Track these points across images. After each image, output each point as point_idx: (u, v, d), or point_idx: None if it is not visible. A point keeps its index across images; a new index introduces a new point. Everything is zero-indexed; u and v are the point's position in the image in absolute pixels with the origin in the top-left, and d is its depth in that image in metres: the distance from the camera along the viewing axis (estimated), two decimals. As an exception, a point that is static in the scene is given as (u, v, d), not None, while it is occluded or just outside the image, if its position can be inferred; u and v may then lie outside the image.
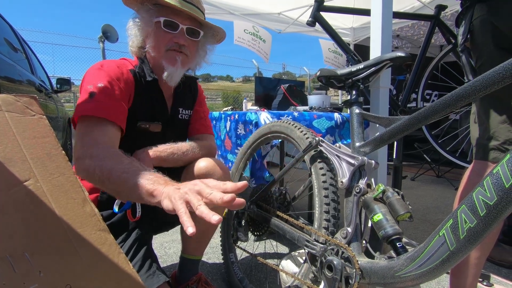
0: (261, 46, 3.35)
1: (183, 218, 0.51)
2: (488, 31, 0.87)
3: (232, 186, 0.55)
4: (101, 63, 0.90)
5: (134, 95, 0.94)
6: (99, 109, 0.81)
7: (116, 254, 0.79)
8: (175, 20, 0.92)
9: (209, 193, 0.53)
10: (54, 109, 3.15)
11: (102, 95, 0.82)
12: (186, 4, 0.93)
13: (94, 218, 0.80)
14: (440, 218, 2.24)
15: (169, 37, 0.93)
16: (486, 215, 0.51)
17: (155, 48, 0.94)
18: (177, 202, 0.54)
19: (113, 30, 4.82)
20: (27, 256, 0.67)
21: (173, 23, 0.92)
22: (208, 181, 0.58)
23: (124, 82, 0.90)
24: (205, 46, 1.05)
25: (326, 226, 0.86)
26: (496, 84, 0.57)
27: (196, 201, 0.52)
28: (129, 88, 0.92)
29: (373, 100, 1.00)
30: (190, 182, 0.58)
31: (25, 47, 2.91)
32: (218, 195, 0.52)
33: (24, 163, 0.77)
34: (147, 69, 0.97)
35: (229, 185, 0.55)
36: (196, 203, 0.52)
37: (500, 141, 0.86)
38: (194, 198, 0.53)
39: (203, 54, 1.05)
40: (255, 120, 1.53)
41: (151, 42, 0.95)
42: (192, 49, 0.97)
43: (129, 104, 0.93)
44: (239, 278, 1.24)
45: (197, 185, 0.56)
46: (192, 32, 0.95)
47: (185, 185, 0.58)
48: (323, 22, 1.54)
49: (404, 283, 0.62)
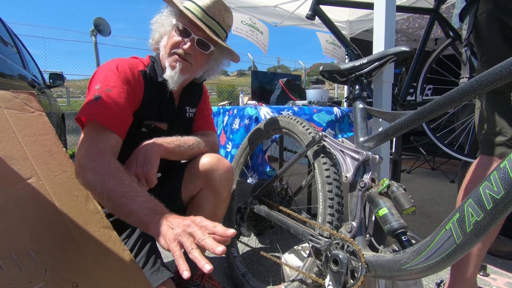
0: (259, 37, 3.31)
1: (178, 262, 0.56)
2: (495, 25, 0.87)
3: (221, 232, 0.58)
4: (116, 64, 0.90)
5: (143, 97, 0.95)
6: (105, 117, 0.82)
7: (120, 251, 0.79)
8: (190, 28, 0.93)
9: (202, 238, 0.57)
10: (47, 104, 3.09)
11: (109, 101, 0.83)
12: (207, 17, 0.94)
13: (97, 215, 0.80)
14: (436, 210, 2.28)
15: (178, 41, 0.94)
16: (493, 209, 0.52)
17: (165, 47, 0.97)
18: (171, 244, 0.59)
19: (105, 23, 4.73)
20: (33, 254, 0.66)
21: (186, 31, 0.93)
22: (199, 220, 0.62)
23: (134, 85, 0.91)
24: (220, 60, 1.06)
25: (330, 220, 0.87)
26: (503, 79, 0.57)
27: (189, 245, 0.57)
28: (138, 91, 0.93)
29: (376, 95, 1.00)
30: (182, 222, 0.62)
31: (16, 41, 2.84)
32: (209, 243, 0.55)
33: (25, 161, 0.76)
34: (158, 70, 0.98)
35: (219, 230, 0.59)
36: (189, 246, 0.57)
37: (508, 136, 0.87)
38: (187, 240, 0.58)
39: (216, 67, 1.06)
40: (255, 115, 1.52)
41: (164, 41, 0.97)
42: (199, 60, 0.98)
43: (137, 105, 0.94)
44: (241, 273, 1.25)
45: (189, 227, 0.60)
46: (202, 43, 0.95)
47: (178, 225, 0.61)
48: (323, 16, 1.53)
49: (410, 276, 0.63)
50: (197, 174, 0.99)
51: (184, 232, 0.59)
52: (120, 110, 0.85)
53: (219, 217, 1.07)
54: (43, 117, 0.85)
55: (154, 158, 0.87)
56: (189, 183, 1.02)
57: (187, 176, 1.02)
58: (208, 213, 1.02)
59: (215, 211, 1.03)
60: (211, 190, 1.00)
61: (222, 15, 0.97)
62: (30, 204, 0.71)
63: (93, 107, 0.82)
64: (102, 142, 0.81)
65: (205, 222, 0.61)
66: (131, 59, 0.97)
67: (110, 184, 0.73)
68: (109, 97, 0.84)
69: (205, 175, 0.99)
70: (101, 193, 0.73)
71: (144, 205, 0.69)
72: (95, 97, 0.83)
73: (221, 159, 1.01)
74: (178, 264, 0.55)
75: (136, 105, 0.93)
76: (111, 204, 0.73)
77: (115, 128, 0.84)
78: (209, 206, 1.02)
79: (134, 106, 0.93)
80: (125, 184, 0.74)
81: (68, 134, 4.65)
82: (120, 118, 0.85)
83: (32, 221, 0.70)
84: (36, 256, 0.66)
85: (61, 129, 3.76)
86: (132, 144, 0.90)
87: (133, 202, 0.70)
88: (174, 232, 0.60)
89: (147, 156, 0.86)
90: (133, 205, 0.69)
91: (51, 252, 0.69)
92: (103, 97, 0.83)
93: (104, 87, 0.84)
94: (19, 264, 0.63)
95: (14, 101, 0.82)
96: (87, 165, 0.76)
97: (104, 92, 0.84)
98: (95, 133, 0.82)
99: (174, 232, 0.60)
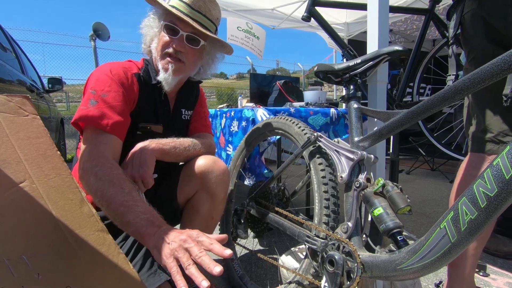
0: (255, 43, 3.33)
1: (175, 278, 0.55)
2: (480, 24, 0.88)
3: (218, 251, 0.57)
4: (110, 67, 0.91)
5: (138, 100, 0.95)
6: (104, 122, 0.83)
7: (115, 254, 0.78)
8: (177, 25, 0.93)
9: (198, 256, 0.56)
10: (46, 109, 3.09)
11: (106, 106, 0.84)
12: (193, 12, 0.93)
13: (92, 218, 0.79)
14: (436, 210, 2.27)
15: (168, 41, 0.94)
16: (487, 207, 0.52)
17: (156, 49, 0.96)
18: (168, 260, 0.58)
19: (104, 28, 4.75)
20: (25, 259, 0.66)
21: (174, 28, 0.93)
22: (196, 235, 0.61)
23: (129, 88, 0.92)
24: (213, 54, 1.05)
25: (326, 221, 0.87)
26: (494, 77, 0.57)
27: (186, 260, 0.56)
28: (133, 94, 0.93)
29: (371, 95, 1.00)
30: (178, 237, 0.61)
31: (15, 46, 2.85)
32: (206, 262, 0.54)
33: (18, 164, 0.75)
34: (152, 72, 0.98)
35: (215, 248, 0.58)
36: (185, 262, 0.56)
37: (494, 133, 0.87)
38: (183, 256, 0.57)
39: (210, 61, 1.06)
40: (252, 117, 1.52)
41: (155, 43, 0.97)
42: (191, 56, 0.97)
43: (132, 108, 0.94)
44: (239, 275, 1.24)
45: (186, 242, 0.59)
46: (192, 39, 0.95)
47: (175, 240, 0.60)
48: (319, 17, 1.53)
49: (406, 276, 0.63)
50: (193, 176, 0.99)
51: (180, 247, 0.59)
52: (117, 114, 0.85)
53: (215, 219, 1.07)
54: (37, 121, 0.84)
55: (150, 159, 0.87)
56: (185, 185, 1.01)
57: (183, 178, 1.02)
58: (204, 216, 1.02)
59: (211, 214, 1.03)
60: (207, 192, 1.00)
61: (208, 8, 0.96)
62: (23, 207, 0.71)
63: (90, 112, 0.82)
64: (103, 145, 0.82)
65: (202, 238, 0.60)
66: (125, 62, 0.97)
67: (110, 193, 0.73)
68: (105, 101, 0.84)
69: (201, 177, 0.98)
70: (101, 199, 0.74)
71: (141, 216, 0.69)
72: (91, 102, 0.83)
73: (216, 161, 1.01)
74: (176, 280, 0.55)
75: (131, 108, 0.93)
76: (110, 212, 0.73)
77: (115, 131, 0.84)
78: (205, 208, 1.01)
79: (129, 109, 0.92)
80: (125, 193, 0.74)
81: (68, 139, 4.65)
82: (118, 121, 0.85)
83: (25, 225, 0.69)
84: (29, 260, 0.66)
85: (60, 134, 3.76)
86: (128, 146, 0.90)
87: (131, 213, 0.70)
88: (170, 247, 0.59)
89: (142, 157, 0.87)
90: (130, 215, 0.69)
91: (45, 256, 0.68)
92: (99, 102, 0.84)
93: (100, 92, 0.85)
94: (11, 269, 0.62)
95: (8, 104, 0.82)
96: (90, 170, 0.77)
97: (100, 97, 0.84)
98: (96, 137, 0.82)
99: (170, 247, 0.60)
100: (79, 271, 0.71)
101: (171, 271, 0.56)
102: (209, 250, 0.58)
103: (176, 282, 0.55)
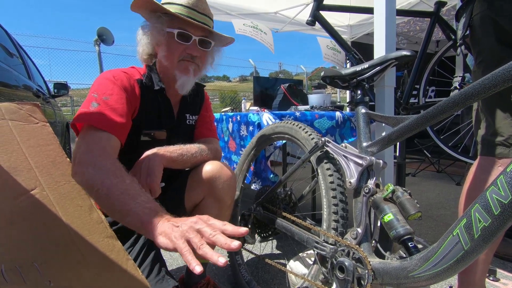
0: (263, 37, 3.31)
1: (187, 258, 0.51)
2: (489, 27, 0.87)
3: (232, 230, 0.55)
4: (113, 73, 0.90)
5: (140, 106, 0.94)
6: (105, 122, 0.81)
7: (124, 261, 0.78)
8: (188, 31, 0.92)
9: (213, 234, 0.54)
10: (52, 114, 3.12)
11: (108, 107, 0.83)
12: (199, 14, 0.93)
13: (101, 225, 0.80)
14: (443, 213, 2.25)
15: (182, 48, 0.93)
16: (501, 214, 0.51)
17: (168, 58, 0.95)
18: (178, 241, 0.55)
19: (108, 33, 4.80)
20: (37, 266, 0.66)
21: (186, 35, 0.92)
22: (207, 218, 0.58)
23: (131, 93, 0.91)
24: (213, 52, 1.05)
25: (335, 227, 0.86)
26: (506, 82, 0.57)
27: (198, 241, 0.53)
28: (135, 100, 0.93)
29: (378, 100, 1.00)
30: (188, 220, 0.58)
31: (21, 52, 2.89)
32: (222, 239, 0.52)
33: (29, 171, 0.76)
34: (155, 78, 0.98)
35: (229, 228, 0.55)
36: (198, 242, 0.53)
37: (505, 136, 0.86)
38: (195, 237, 0.54)
39: (211, 60, 1.06)
40: (258, 121, 1.52)
41: (163, 51, 0.95)
42: (204, 60, 0.99)
43: (134, 115, 0.93)
44: (246, 280, 1.24)
45: (197, 223, 0.57)
46: (204, 42, 0.96)
47: (184, 223, 0.57)
48: (323, 21, 1.54)
49: (418, 283, 0.62)
50: (200, 182, 0.99)
51: (191, 228, 0.55)
52: (119, 115, 0.84)
53: (222, 224, 1.06)
54: (47, 128, 0.85)
55: (157, 168, 0.86)
56: (192, 191, 1.01)
57: (190, 184, 1.02)
58: (212, 221, 1.01)
59: (218, 219, 1.03)
60: (214, 198, 1.00)
61: (203, 6, 0.96)
62: (34, 215, 0.71)
63: (91, 113, 0.81)
64: (104, 141, 0.79)
65: (213, 221, 0.57)
66: (128, 69, 0.97)
67: (110, 180, 0.70)
68: (107, 104, 0.83)
69: (208, 183, 0.98)
70: (100, 189, 0.69)
71: (144, 204, 0.66)
72: (93, 104, 0.82)
73: (223, 167, 1.01)
74: (188, 260, 0.50)
75: (133, 114, 0.93)
76: (108, 201, 0.69)
77: (116, 132, 0.83)
78: (213, 214, 0.99)
79: (131, 114, 0.92)
80: (126, 183, 0.71)
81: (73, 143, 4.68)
82: (119, 122, 0.84)
83: (36, 232, 0.70)
84: (40, 267, 0.66)
85: (65, 138, 3.79)
86: (133, 154, 0.90)
87: (133, 201, 0.66)
88: (180, 229, 0.56)
89: (150, 166, 0.86)
90: (132, 203, 0.66)
91: (55, 263, 0.69)
92: (101, 104, 0.82)
93: (102, 95, 0.84)
94: (23, 276, 0.63)
95: (18, 112, 0.83)
96: (89, 160, 0.73)
97: (102, 100, 0.83)
98: (96, 134, 0.80)
99: (180, 229, 0.56)
100: (88, 277, 0.71)
101: (183, 251, 0.52)
102: (222, 231, 0.54)
103: (188, 262, 0.50)
